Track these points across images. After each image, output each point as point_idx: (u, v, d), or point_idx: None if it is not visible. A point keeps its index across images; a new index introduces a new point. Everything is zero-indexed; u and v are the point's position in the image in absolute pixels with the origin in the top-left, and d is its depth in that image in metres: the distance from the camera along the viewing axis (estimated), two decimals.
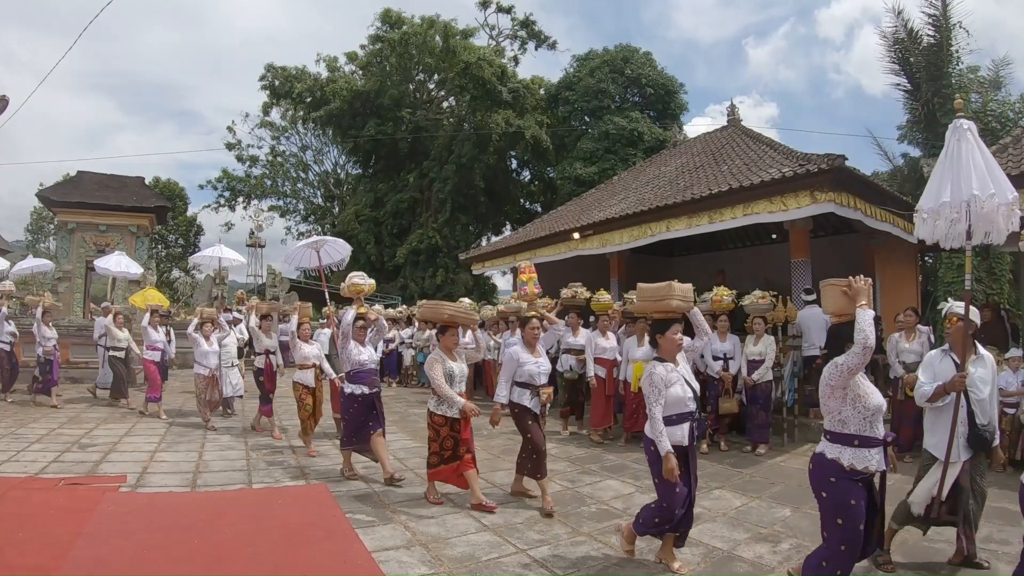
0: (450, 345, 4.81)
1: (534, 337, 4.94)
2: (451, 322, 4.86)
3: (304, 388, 6.45)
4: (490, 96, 25.47)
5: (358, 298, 5.99)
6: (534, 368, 4.81)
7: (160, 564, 3.44)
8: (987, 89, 16.98)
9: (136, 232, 15.99)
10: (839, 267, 10.37)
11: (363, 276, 6.13)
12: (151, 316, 8.90)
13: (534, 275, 6.34)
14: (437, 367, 4.62)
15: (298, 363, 6.51)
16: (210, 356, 7.79)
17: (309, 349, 6.58)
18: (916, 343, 6.43)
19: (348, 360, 5.36)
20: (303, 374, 6.48)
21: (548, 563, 3.57)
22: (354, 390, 5.32)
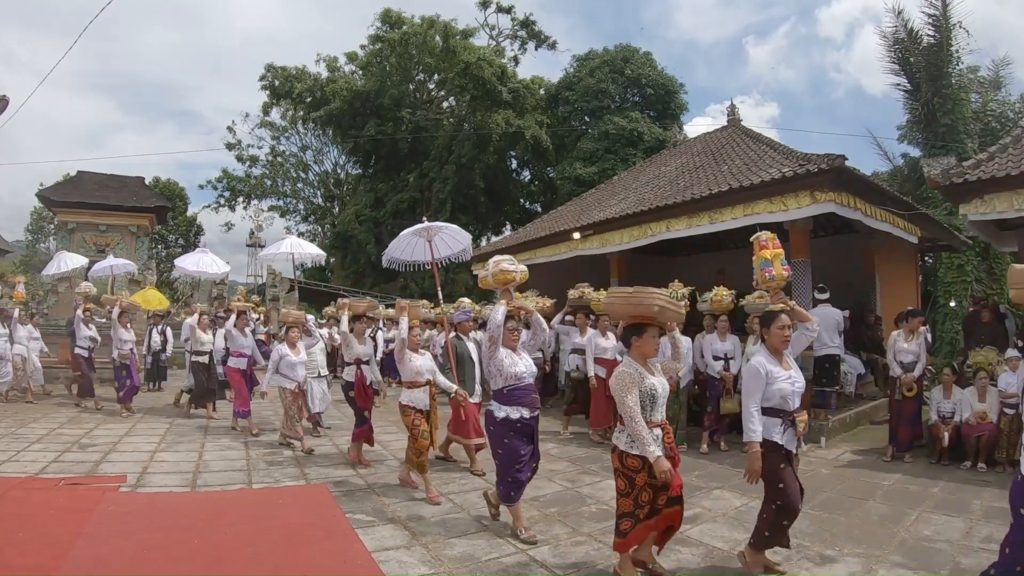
0: (649, 352, 3.38)
1: (784, 341, 3.45)
2: (655, 318, 3.41)
3: (417, 412, 4.96)
4: (490, 96, 25.47)
5: (506, 290, 4.36)
6: (787, 386, 3.36)
7: (160, 564, 3.45)
8: (987, 89, 16.99)
9: (136, 232, 15.99)
10: (839, 267, 10.40)
11: (512, 260, 4.42)
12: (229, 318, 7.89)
13: (780, 251, 4.27)
14: (632, 390, 3.17)
15: (407, 380, 5.08)
16: (297, 367, 6.68)
17: (421, 361, 5.14)
18: (914, 343, 6.43)
19: (499, 373, 4.03)
20: (414, 394, 5.02)
21: (548, 563, 3.58)
22: (509, 413, 3.99)
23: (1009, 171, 6.47)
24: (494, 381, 4.07)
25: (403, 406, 5.02)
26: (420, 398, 5.03)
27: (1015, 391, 5.97)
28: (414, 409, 4.98)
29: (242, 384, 7.53)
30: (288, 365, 6.64)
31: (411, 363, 5.05)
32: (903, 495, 5.05)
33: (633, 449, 3.18)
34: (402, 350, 5.02)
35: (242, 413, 7.38)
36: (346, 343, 6.14)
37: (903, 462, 6.21)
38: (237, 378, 7.54)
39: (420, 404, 5.01)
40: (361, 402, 5.94)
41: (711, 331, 7.07)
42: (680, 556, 3.72)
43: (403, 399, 5.04)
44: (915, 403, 6.40)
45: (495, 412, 4.03)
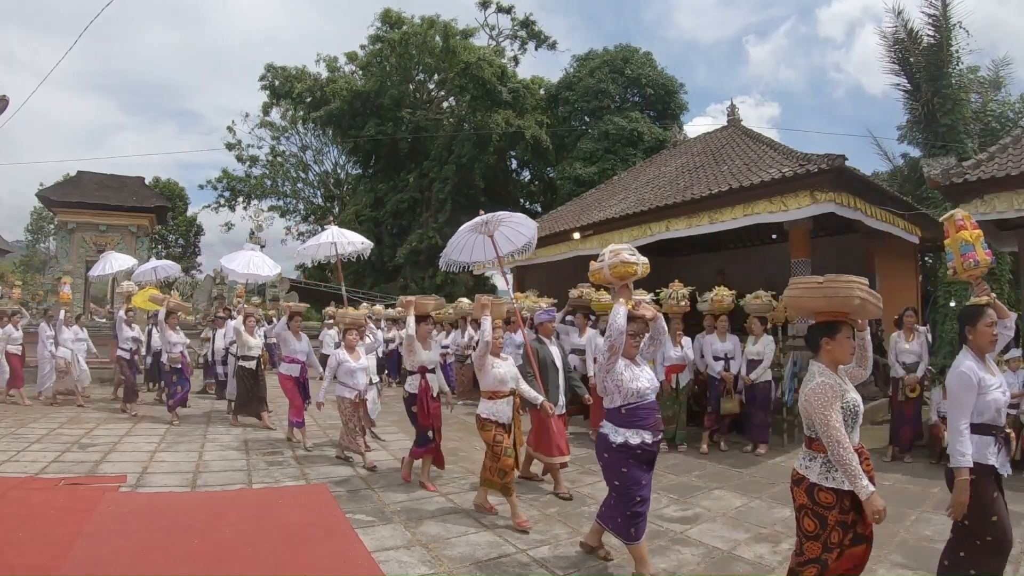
0: (844, 357, 2.69)
1: (993, 341, 2.97)
2: (851, 314, 2.72)
3: (499, 426, 4.37)
4: (490, 96, 25.48)
5: (625, 287, 3.57)
6: (1000, 396, 2.88)
7: (160, 564, 3.45)
8: (987, 89, 17.00)
9: (136, 232, 15.99)
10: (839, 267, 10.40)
11: (632, 249, 3.65)
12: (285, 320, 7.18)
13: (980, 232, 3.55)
14: (835, 405, 2.51)
15: (488, 389, 4.47)
16: (357, 374, 6.02)
17: (505, 368, 4.48)
18: (915, 343, 6.44)
19: (617, 389, 3.37)
20: (496, 406, 4.42)
21: (548, 563, 3.58)
22: (629, 438, 3.33)
23: (1009, 171, 6.47)
24: (610, 399, 3.44)
25: (482, 419, 4.42)
26: (503, 410, 4.41)
27: (1016, 391, 5.97)
28: (495, 423, 4.37)
29: (295, 393, 6.85)
30: (347, 372, 5.98)
31: (493, 370, 4.43)
32: (903, 495, 5.05)
33: (828, 481, 2.52)
34: (484, 355, 4.41)
35: (296, 423, 6.75)
36: (410, 349, 5.27)
37: (903, 462, 6.21)
38: (290, 386, 6.86)
39: (503, 417, 4.40)
40: (424, 418, 5.12)
41: (711, 331, 7.07)
42: (680, 556, 3.72)
43: (483, 411, 4.43)
44: (917, 404, 6.41)
45: (611, 436, 3.37)
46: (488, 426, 4.39)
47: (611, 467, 3.42)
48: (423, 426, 5.12)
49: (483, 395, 4.49)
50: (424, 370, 5.26)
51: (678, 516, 4.48)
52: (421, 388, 5.19)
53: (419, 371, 5.26)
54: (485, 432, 4.40)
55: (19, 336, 9.43)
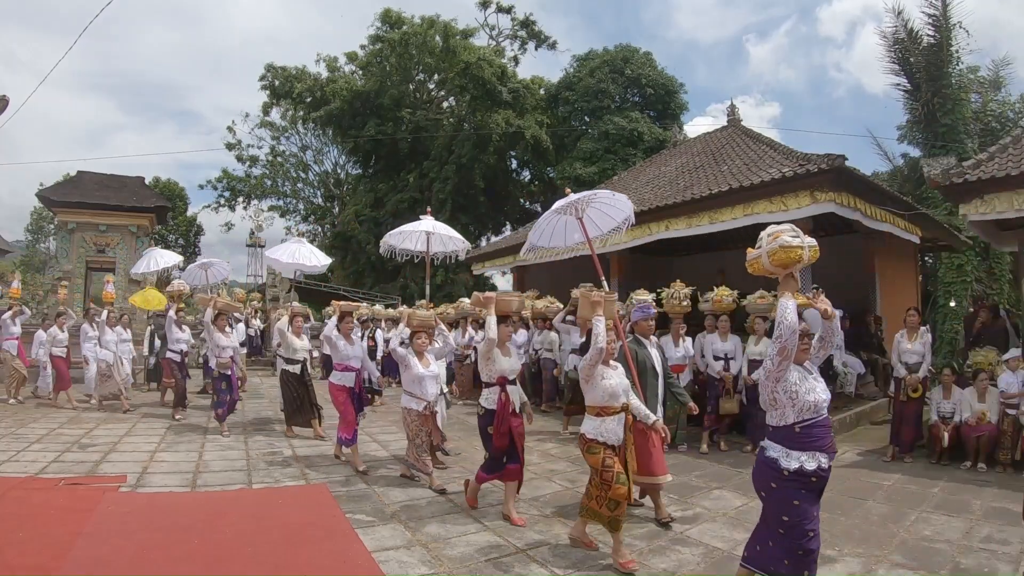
0: None
1: None
2: None
3: (608, 448, 3.67)
4: (490, 96, 25.48)
5: (790, 276, 2.96)
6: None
7: (160, 564, 3.44)
8: (987, 89, 17.01)
9: (136, 232, 15.98)
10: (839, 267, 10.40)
11: (795, 231, 2.98)
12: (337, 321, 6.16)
13: None
14: None
15: (596, 404, 3.75)
16: (427, 382, 5.16)
17: (618, 380, 3.78)
18: (918, 343, 6.43)
19: (790, 402, 2.78)
20: (606, 424, 3.70)
21: (548, 563, 3.57)
22: (804, 463, 2.73)
23: (1009, 171, 6.47)
24: (779, 414, 2.82)
25: (588, 440, 3.71)
26: (613, 430, 3.69)
27: (1016, 391, 5.97)
28: (604, 445, 3.67)
29: (348, 405, 5.95)
30: (415, 380, 5.14)
31: (603, 382, 3.72)
32: (903, 495, 5.05)
33: None
34: (595, 365, 3.70)
35: (346, 440, 5.89)
36: (487, 356, 4.47)
37: (903, 462, 6.21)
38: (342, 398, 5.95)
39: (612, 438, 3.69)
40: (500, 439, 4.32)
41: (712, 331, 7.08)
42: (680, 556, 3.72)
43: (588, 431, 3.72)
44: (919, 404, 6.40)
45: (782, 462, 2.75)
46: (595, 448, 3.68)
47: (780, 500, 2.77)
48: (498, 449, 4.37)
49: (589, 411, 3.80)
50: (504, 381, 4.45)
51: (678, 516, 4.47)
52: (500, 403, 4.37)
53: (498, 382, 4.44)
54: (592, 456, 3.70)
55: (64, 338, 9.26)
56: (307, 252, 8.36)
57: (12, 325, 9.41)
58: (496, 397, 4.42)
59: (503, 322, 4.62)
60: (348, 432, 5.86)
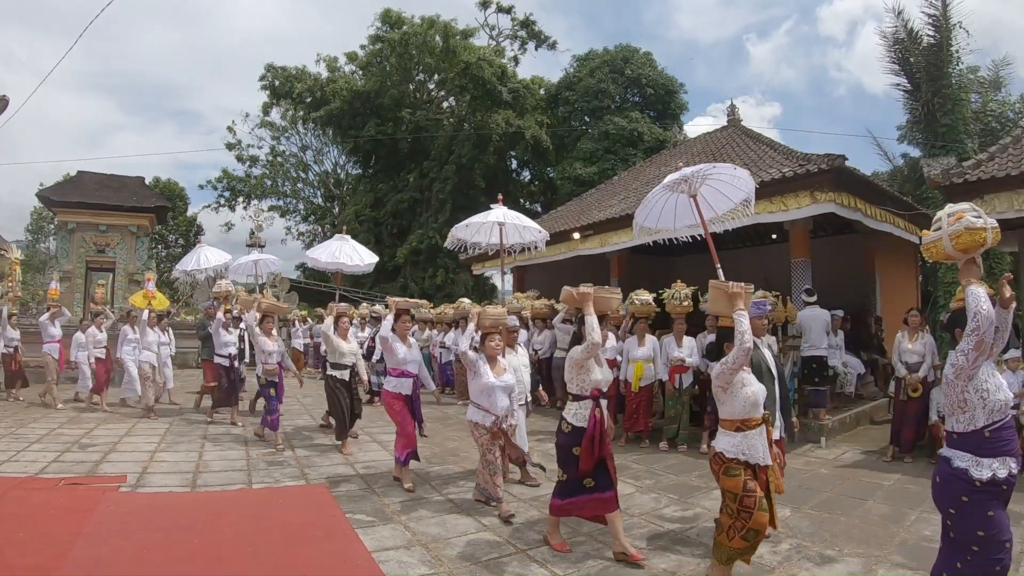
0: None
1: None
2: None
3: (748, 469, 3.15)
4: (490, 96, 25.49)
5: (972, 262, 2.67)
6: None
7: (160, 564, 3.44)
8: (987, 89, 17.01)
9: (136, 232, 15.99)
10: (839, 267, 10.41)
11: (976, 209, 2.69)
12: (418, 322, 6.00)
13: None
14: None
15: (736, 417, 3.21)
16: (496, 394, 4.45)
17: (757, 385, 3.27)
18: (919, 343, 6.43)
19: (981, 403, 2.48)
20: (746, 440, 3.17)
21: (548, 563, 3.57)
22: (997, 470, 2.45)
23: (1009, 171, 6.47)
24: (967, 418, 2.48)
25: (726, 461, 3.16)
26: (757, 446, 3.16)
27: (1016, 391, 5.96)
28: (745, 464, 3.12)
29: (405, 416, 5.22)
30: (483, 391, 4.46)
31: (744, 389, 3.19)
32: (903, 495, 5.05)
33: None
34: (739, 369, 3.17)
35: (403, 459, 5.14)
36: (582, 365, 3.77)
37: (903, 462, 6.20)
38: (399, 408, 5.23)
39: (756, 455, 3.14)
40: (588, 461, 3.66)
41: (712, 331, 7.07)
42: (680, 556, 3.72)
43: (727, 448, 3.17)
44: (919, 404, 6.40)
45: (972, 471, 2.44)
46: (735, 470, 3.11)
47: (973, 514, 2.45)
48: (582, 472, 3.69)
49: (725, 426, 3.22)
50: (599, 394, 3.80)
51: (678, 516, 4.48)
52: (594, 420, 3.69)
53: (592, 395, 3.77)
54: (731, 479, 3.11)
55: (104, 338, 9.03)
56: (349, 250, 7.65)
57: (52, 327, 9.11)
58: (588, 413, 3.73)
59: None
60: (408, 447, 5.13)
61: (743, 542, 3.10)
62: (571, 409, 3.80)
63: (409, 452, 5.15)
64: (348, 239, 8.01)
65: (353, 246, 7.80)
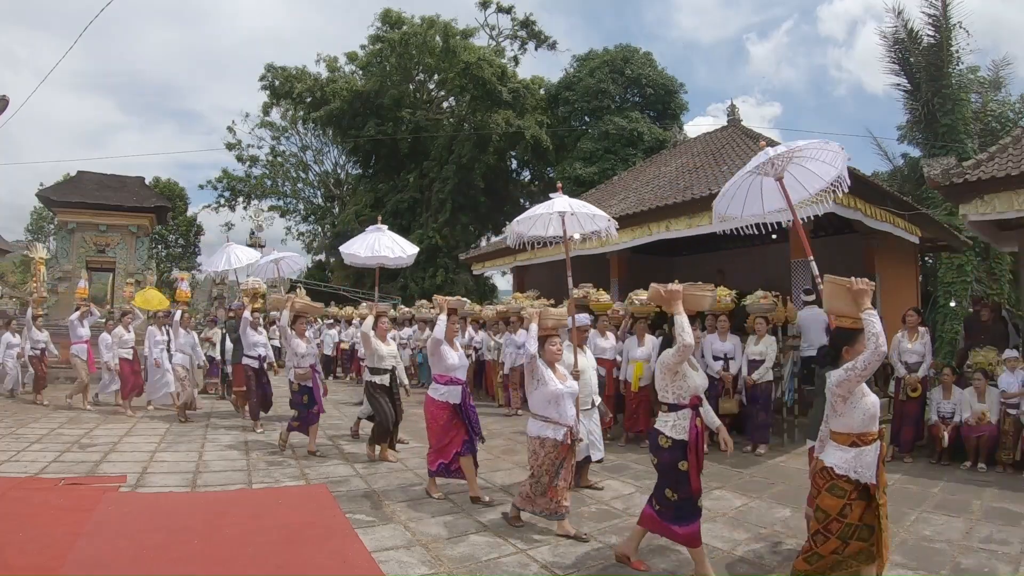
0: None
1: None
2: None
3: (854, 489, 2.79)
4: (490, 96, 25.48)
5: None
6: None
7: (160, 564, 3.44)
8: (987, 89, 17.03)
9: (136, 232, 15.99)
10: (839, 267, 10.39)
11: None
12: None
13: None
14: None
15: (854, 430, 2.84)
16: (564, 402, 4.02)
17: (874, 397, 2.89)
18: (919, 343, 6.44)
19: None
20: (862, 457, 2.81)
21: (548, 563, 3.57)
22: None
23: (1009, 171, 6.47)
24: None
25: (837, 478, 2.80)
26: (871, 463, 2.80)
27: (1016, 391, 5.97)
28: (855, 484, 2.78)
29: (448, 430, 4.77)
30: (550, 400, 3.97)
31: (865, 399, 2.83)
32: (903, 495, 5.04)
33: None
34: (862, 378, 2.77)
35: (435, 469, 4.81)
36: (675, 370, 3.41)
37: (903, 462, 6.21)
38: (444, 419, 4.78)
39: (867, 473, 2.78)
40: (696, 478, 3.37)
41: (711, 331, 7.08)
42: (680, 556, 3.71)
43: (839, 464, 2.81)
44: (919, 404, 6.41)
45: None
46: (841, 489, 2.78)
47: None
48: (696, 491, 3.36)
49: (839, 440, 2.86)
50: (698, 401, 3.44)
51: None
52: (695, 431, 3.36)
53: (690, 403, 3.40)
54: (833, 498, 2.78)
55: (131, 339, 8.77)
56: (389, 242, 6.97)
57: (80, 327, 8.87)
58: (688, 423, 3.35)
59: None
60: (445, 457, 4.71)
61: (805, 564, 2.85)
62: (667, 421, 3.41)
63: (442, 464, 4.73)
64: (385, 229, 7.24)
65: (392, 237, 7.18)
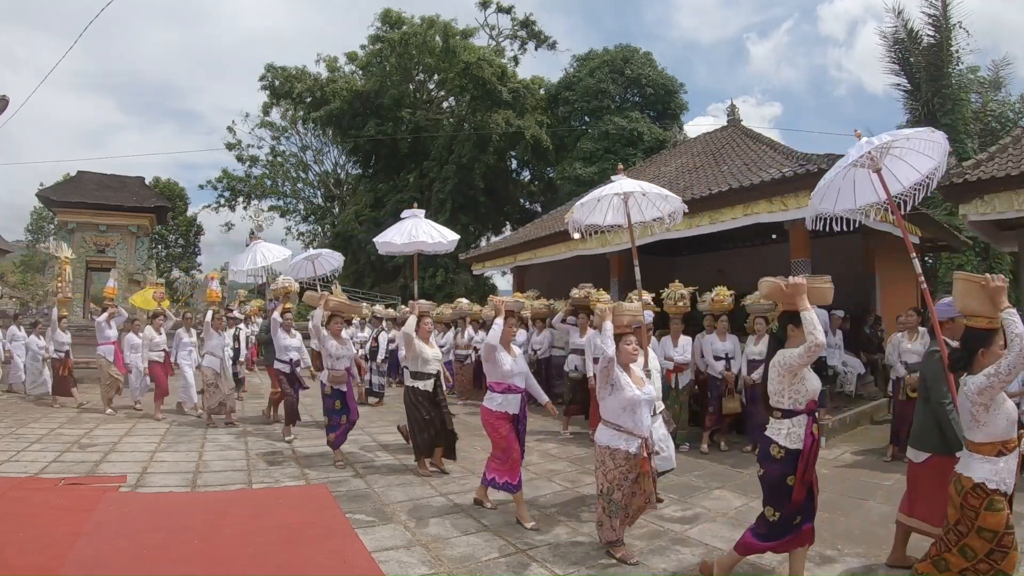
0: None
1: None
2: None
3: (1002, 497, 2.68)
4: (490, 96, 25.50)
5: None
6: None
7: (160, 564, 3.44)
8: (987, 89, 17.04)
9: (136, 232, 15.98)
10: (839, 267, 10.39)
11: None
12: None
13: None
14: None
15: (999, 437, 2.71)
16: (640, 410, 3.64)
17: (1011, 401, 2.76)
18: (919, 343, 6.43)
19: None
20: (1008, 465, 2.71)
21: (548, 563, 3.57)
22: None
23: (1009, 171, 6.48)
24: None
25: (990, 493, 2.64)
26: (1012, 471, 2.71)
27: (1016, 391, 5.96)
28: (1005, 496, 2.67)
29: (511, 439, 4.37)
30: (625, 407, 3.64)
31: (1007, 403, 2.71)
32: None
33: None
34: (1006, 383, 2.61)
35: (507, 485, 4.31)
36: (795, 372, 3.09)
37: (903, 462, 6.19)
38: (505, 430, 4.37)
39: (1010, 483, 2.69)
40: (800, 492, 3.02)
41: (711, 331, 7.07)
42: (680, 556, 3.71)
43: (987, 476, 2.65)
44: None
45: None
46: (999, 503, 2.63)
47: None
48: (796, 504, 3.04)
49: (983, 450, 2.67)
50: (815, 406, 3.13)
51: (678, 516, 4.48)
52: (811, 438, 3.04)
53: (807, 408, 3.09)
54: (995, 515, 2.62)
55: (162, 341, 8.64)
56: (427, 228, 6.58)
57: (107, 328, 8.69)
58: (804, 431, 3.04)
59: None
60: (511, 475, 4.28)
61: None
62: (782, 428, 3.09)
63: (508, 482, 4.26)
64: (421, 215, 6.85)
65: (430, 223, 6.83)
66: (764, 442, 3.19)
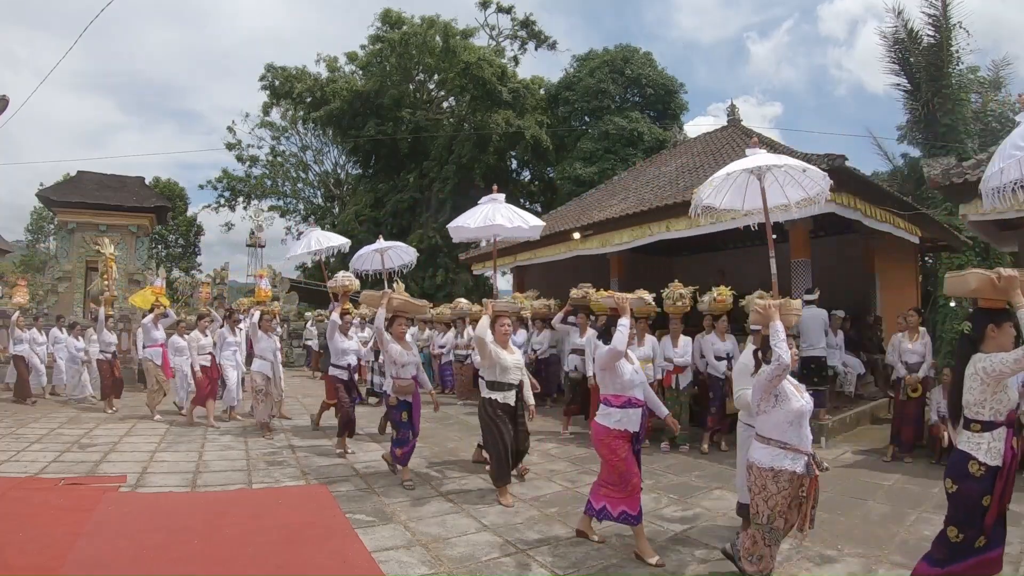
0: None
1: None
2: None
3: None
4: (490, 96, 25.49)
5: None
6: None
7: (160, 564, 3.44)
8: (987, 89, 17.04)
9: (136, 232, 15.99)
10: (839, 267, 10.40)
11: None
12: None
13: None
14: None
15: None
16: (805, 420, 3.14)
17: None
18: (919, 343, 6.44)
19: None
20: None
21: (548, 563, 3.57)
22: None
23: None
24: None
25: None
26: None
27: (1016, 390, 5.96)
28: None
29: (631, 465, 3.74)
30: (792, 419, 3.07)
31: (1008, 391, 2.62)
32: (903, 495, 5.05)
33: None
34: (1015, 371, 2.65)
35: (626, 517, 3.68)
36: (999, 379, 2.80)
37: (903, 462, 6.20)
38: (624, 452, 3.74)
39: None
40: (995, 512, 2.75)
41: (711, 331, 7.08)
42: (680, 556, 3.71)
43: None
44: (919, 404, 6.40)
45: None
46: None
47: None
48: (989, 527, 2.74)
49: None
50: (1015, 417, 2.84)
51: (678, 516, 4.48)
52: (1011, 453, 2.75)
53: (1007, 420, 2.80)
54: None
55: (208, 343, 8.16)
56: (507, 212, 6.10)
57: (154, 330, 8.28)
58: (1004, 445, 2.72)
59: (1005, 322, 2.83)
60: (629, 504, 3.66)
61: None
62: (980, 443, 2.76)
63: (626, 512, 3.64)
64: (501, 199, 6.32)
65: (510, 207, 6.31)
66: (960, 458, 2.86)
